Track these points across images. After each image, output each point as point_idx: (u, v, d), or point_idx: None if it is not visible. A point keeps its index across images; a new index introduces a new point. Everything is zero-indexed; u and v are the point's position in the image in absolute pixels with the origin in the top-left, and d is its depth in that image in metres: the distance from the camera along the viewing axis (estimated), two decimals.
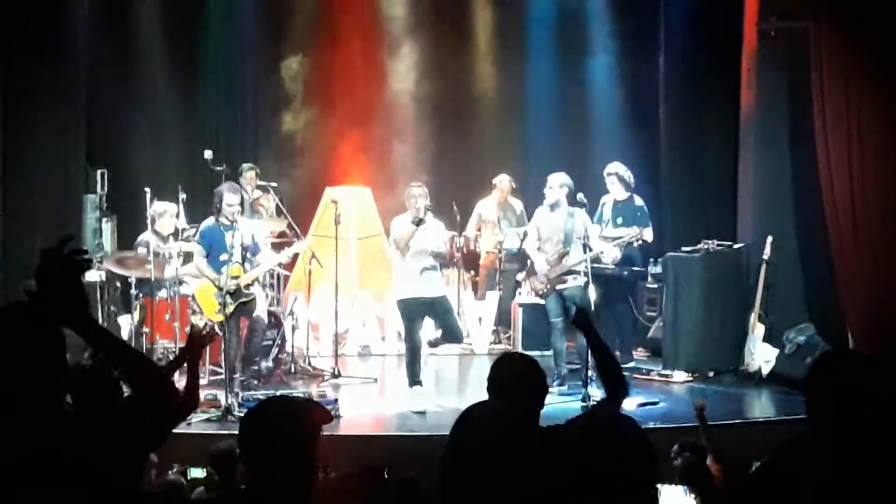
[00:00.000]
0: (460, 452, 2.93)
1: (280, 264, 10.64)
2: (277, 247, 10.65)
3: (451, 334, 9.56)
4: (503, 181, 12.86)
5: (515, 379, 4.03)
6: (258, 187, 11.74)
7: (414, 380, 9.28)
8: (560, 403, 8.81)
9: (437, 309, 9.43)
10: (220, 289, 9.18)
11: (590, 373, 8.86)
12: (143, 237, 10.42)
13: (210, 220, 9.51)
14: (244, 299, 9.41)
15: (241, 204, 9.81)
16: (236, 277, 9.29)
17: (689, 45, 12.15)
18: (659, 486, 2.39)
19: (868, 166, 10.02)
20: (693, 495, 3.89)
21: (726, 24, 11.47)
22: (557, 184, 9.75)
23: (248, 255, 9.50)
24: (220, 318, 9.17)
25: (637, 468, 2.34)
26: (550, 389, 4.80)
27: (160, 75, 12.83)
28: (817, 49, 10.24)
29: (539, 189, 10.29)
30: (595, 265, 9.96)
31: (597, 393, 8.56)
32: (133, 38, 12.71)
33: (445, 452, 2.98)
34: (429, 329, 9.82)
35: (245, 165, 11.93)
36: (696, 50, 12.08)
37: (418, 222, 9.14)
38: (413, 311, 9.34)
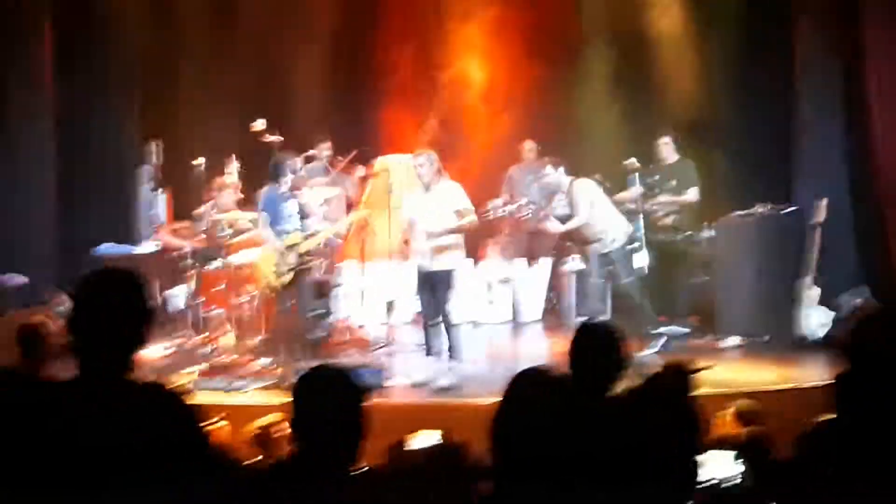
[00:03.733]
0: (511, 418, 2.96)
1: (337, 234, 10.67)
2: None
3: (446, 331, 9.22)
4: (526, 146, 12.75)
5: (592, 348, 4.08)
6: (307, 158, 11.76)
7: (429, 350, 9.23)
8: None
9: (436, 284, 9.16)
10: (286, 254, 9.22)
11: None
12: (202, 209, 10.52)
13: (269, 188, 9.53)
14: (303, 267, 9.44)
15: (303, 173, 9.79)
16: (294, 245, 9.33)
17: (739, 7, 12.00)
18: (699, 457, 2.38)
19: None
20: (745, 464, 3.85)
21: None
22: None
23: (306, 223, 9.52)
24: (278, 284, 9.24)
25: (679, 439, 2.35)
26: None
27: (209, 48, 12.85)
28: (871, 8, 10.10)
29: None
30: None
31: None
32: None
33: (497, 418, 3.00)
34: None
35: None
36: (746, 11, 11.93)
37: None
38: (419, 282, 9.27)
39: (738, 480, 2.89)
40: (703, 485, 2.87)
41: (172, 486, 2.87)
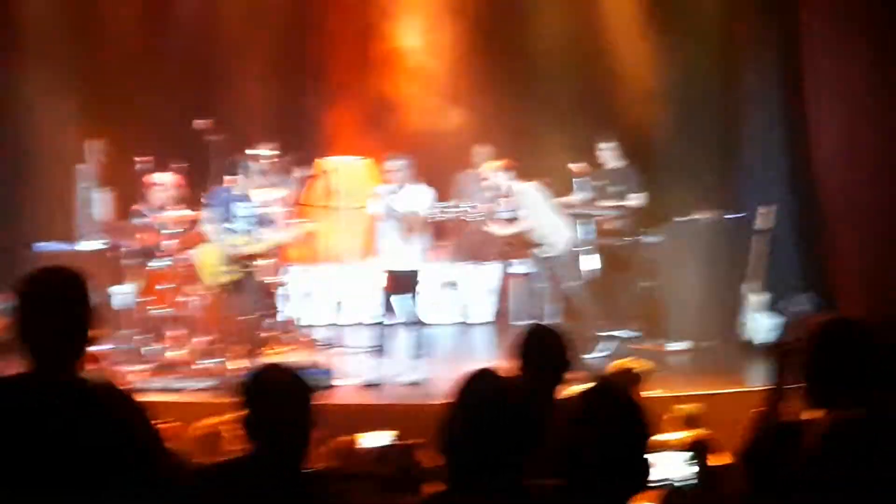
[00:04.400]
0: (462, 417, 2.94)
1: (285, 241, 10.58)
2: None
3: (408, 330, 9.33)
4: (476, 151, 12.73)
5: (540, 350, 4.07)
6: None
7: (381, 350, 9.28)
8: None
9: (402, 283, 9.25)
10: (230, 253, 9.14)
11: None
12: (136, 207, 10.39)
13: (222, 187, 9.45)
14: (246, 269, 9.37)
15: (253, 173, 9.69)
16: (240, 247, 9.24)
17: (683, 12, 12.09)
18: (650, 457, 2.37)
19: (860, 129, 9.99)
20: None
21: None
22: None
23: (256, 226, 9.44)
24: (220, 282, 9.16)
25: (630, 438, 2.34)
26: None
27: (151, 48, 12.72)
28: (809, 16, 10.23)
29: None
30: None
31: None
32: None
33: (447, 418, 2.98)
34: None
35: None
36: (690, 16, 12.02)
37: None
38: (381, 281, 9.27)
39: (690, 481, 2.89)
40: (656, 484, 2.86)
41: (125, 485, 2.83)
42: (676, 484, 2.89)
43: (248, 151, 11.09)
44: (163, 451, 3.10)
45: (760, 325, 10.25)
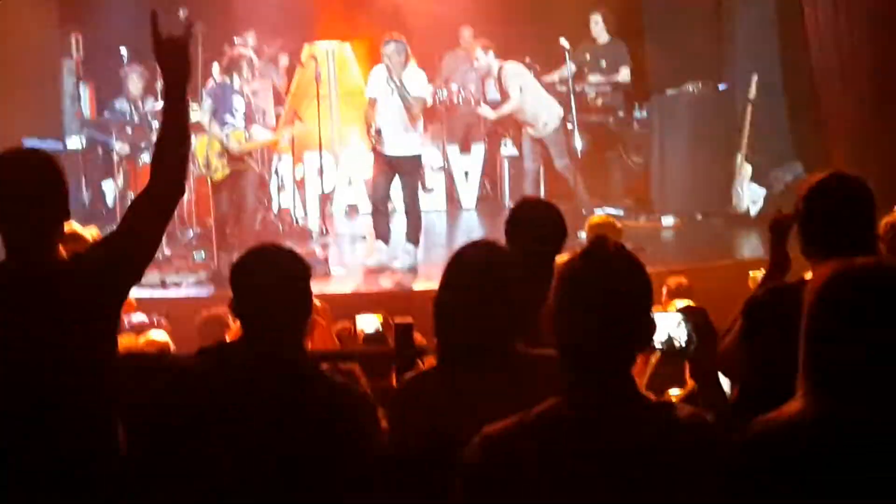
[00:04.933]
0: (450, 292, 2.93)
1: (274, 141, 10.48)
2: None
3: (409, 221, 9.24)
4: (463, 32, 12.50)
5: (533, 222, 4.03)
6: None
7: (378, 235, 9.23)
8: None
9: (406, 171, 9.15)
10: (223, 147, 9.09)
11: None
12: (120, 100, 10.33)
13: (221, 80, 9.32)
14: (240, 166, 9.32)
15: (250, 65, 9.56)
16: (235, 142, 9.18)
17: None
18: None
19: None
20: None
21: None
22: None
23: (247, 121, 9.36)
24: (215, 177, 9.13)
25: (637, 295, 2.31)
26: None
27: None
28: None
29: None
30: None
31: None
32: None
33: (438, 294, 2.98)
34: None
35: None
36: None
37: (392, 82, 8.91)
38: (379, 167, 9.21)
39: (685, 343, 2.90)
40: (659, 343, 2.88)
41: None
42: (668, 347, 2.89)
43: (235, 40, 10.98)
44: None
45: (747, 196, 10.23)
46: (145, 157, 9.90)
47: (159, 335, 5.18)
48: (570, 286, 2.29)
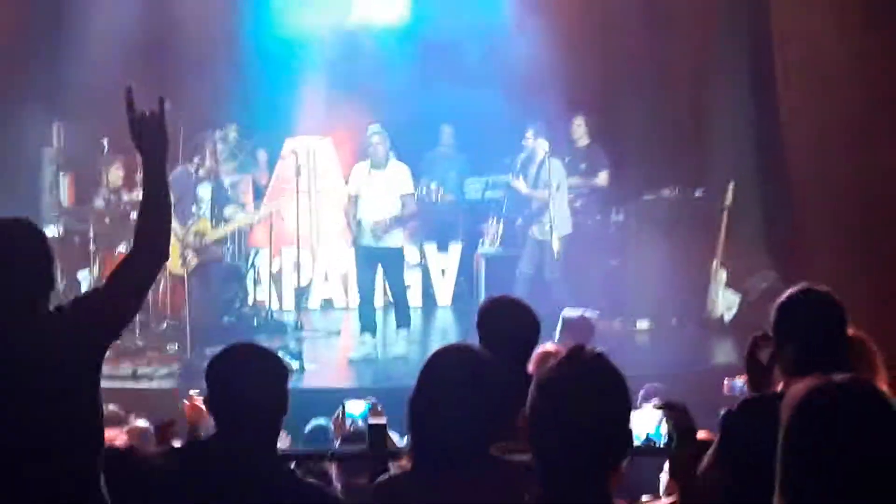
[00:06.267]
0: (426, 395, 2.92)
1: (248, 224, 10.49)
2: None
3: (398, 308, 9.33)
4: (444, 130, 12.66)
5: (506, 324, 4.02)
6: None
7: (363, 327, 9.25)
8: None
9: (390, 262, 9.26)
10: (190, 238, 9.07)
11: None
12: (99, 190, 10.33)
13: (182, 169, 9.33)
14: (211, 255, 9.29)
15: (217, 157, 9.60)
16: (202, 232, 9.16)
17: None
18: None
19: (832, 107, 9.99)
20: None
21: None
22: None
23: (218, 210, 9.36)
24: (182, 271, 9.08)
25: (616, 406, 2.30)
26: None
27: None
28: None
29: None
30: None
31: None
32: None
33: (413, 397, 2.96)
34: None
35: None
36: None
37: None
38: (361, 261, 9.22)
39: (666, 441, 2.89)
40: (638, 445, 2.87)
41: None
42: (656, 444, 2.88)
43: (215, 132, 11.02)
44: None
45: (726, 301, 10.27)
46: (122, 248, 9.89)
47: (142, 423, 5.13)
48: (547, 396, 2.28)
